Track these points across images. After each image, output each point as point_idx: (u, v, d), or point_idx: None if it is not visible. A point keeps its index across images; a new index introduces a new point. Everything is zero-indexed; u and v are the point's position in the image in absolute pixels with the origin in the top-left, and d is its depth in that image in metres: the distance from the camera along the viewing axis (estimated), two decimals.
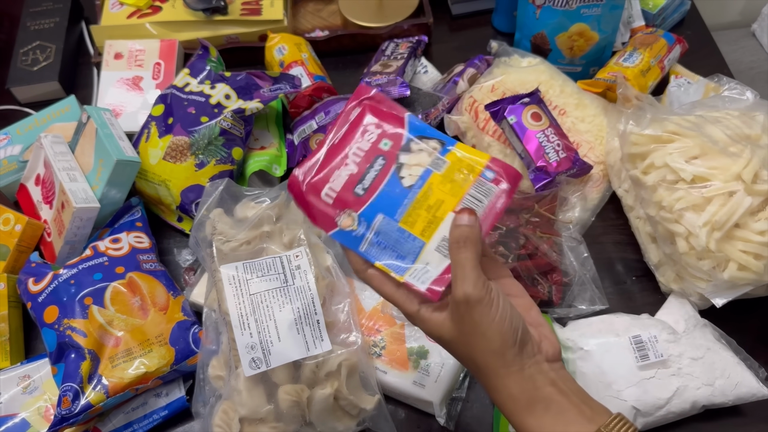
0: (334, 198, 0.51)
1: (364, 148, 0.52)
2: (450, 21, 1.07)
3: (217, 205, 0.75)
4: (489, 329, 0.44)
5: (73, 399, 0.64)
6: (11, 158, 0.87)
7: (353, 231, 0.51)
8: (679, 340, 0.68)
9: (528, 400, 0.45)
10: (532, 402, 0.45)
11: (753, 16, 1.56)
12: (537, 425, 0.44)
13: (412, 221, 0.50)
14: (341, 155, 0.52)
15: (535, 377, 0.45)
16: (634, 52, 0.90)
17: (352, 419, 0.66)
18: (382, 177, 0.51)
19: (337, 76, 0.98)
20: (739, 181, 0.66)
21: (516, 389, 0.45)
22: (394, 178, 0.51)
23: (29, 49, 1.00)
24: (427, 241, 0.49)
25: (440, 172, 0.51)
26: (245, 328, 0.64)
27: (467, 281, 0.44)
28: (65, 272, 0.71)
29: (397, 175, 0.51)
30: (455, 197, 0.50)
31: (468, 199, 0.50)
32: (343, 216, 0.51)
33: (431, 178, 0.51)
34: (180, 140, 0.81)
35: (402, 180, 0.51)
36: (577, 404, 0.45)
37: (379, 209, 0.50)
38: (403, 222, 0.50)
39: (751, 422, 0.69)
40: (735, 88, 0.83)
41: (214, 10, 0.97)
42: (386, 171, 0.52)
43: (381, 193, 0.51)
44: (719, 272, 0.66)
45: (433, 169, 0.51)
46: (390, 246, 0.50)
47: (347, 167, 0.52)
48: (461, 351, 0.47)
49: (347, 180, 0.52)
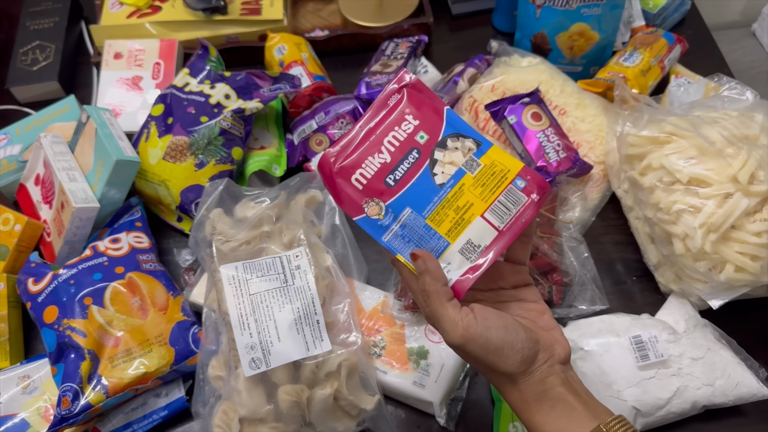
0: (364, 185, 0.51)
1: (400, 138, 0.52)
2: (450, 21, 1.07)
3: (217, 205, 0.75)
4: (488, 360, 0.46)
5: (73, 399, 0.64)
6: (11, 158, 0.87)
7: (379, 220, 0.51)
8: (679, 340, 0.68)
9: (537, 399, 0.46)
10: (541, 400, 0.46)
11: (753, 15, 1.56)
12: (543, 422, 0.46)
13: (439, 220, 0.50)
14: (376, 142, 0.52)
15: (546, 379, 0.47)
16: (635, 52, 0.90)
17: (352, 419, 0.66)
18: (415, 171, 0.51)
19: (337, 76, 0.98)
20: (736, 183, 0.66)
21: (527, 392, 0.47)
22: (427, 174, 0.51)
23: (29, 49, 1.00)
24: (452, 242, 0.50)
25: (473, 174, 0.51)
26: (245, 328, 0.64)
27: (450, 333, 0.46)
28: (65, 272, 0.71)
29: (430, 171, 0.52)
30: (485, 202, 0.50)
31: (496, 206, 0.50)
32: (372, 204, 0.51)
33: (463, 179, 0.51)
34: (180, 140, 0.81)
35: (434, 177, 0.51)
36: (583, 403, 0.46)
37: (407, 203, 0.51)
38: (430, 219, 0.50)
39: (751, 422, 0.69)
40: (735, 88, 0.82)
41: (213, 10, 0.97)
42: (419, 165, 0.52)
43: (411, 187, 0.51)
44: (716, 274, 0.66)
45: (466, 170, 0.51)
46: (414, 241, 0.50)
47: (381, 155, 0.52)
48: (477, 369, 0.50)
49: (379, 168, 0.51)
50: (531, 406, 0.47)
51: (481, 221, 0.50)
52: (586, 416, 0.45)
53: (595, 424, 0.45)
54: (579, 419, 0.45)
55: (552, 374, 0.47)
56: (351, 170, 0.51)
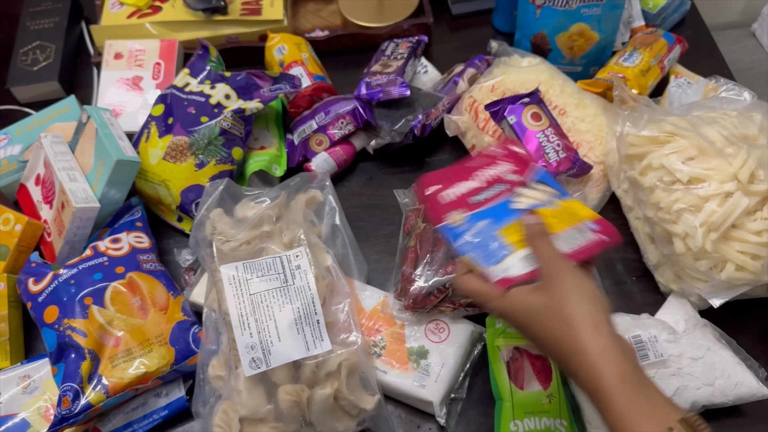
0: (451, 200, 0.59)
1: (492, 174, 0.61)
2: (450, 21, 1.07)
3: (217, 205, 0.75)
4: (583, 287, 0.48)
5: (73, 399, 0.64)
6: (11, 158, 0.87)
7: (457, 228, 0.57)
8: (679, 340, 0.68)
9: (618, 380, 0.45)
10: (624, 382, 0.45)
11: (753, 16, 1.56)
12: (626, 411, 0.44)
13: (509, 232, 0.56)
14: (470, 174, 0.61)
15: (626, 355, 0.45)
16: (634, 52, 0.90)
17: (352, 419, 0.66)
18: (498, 197, 0.59)
19: (337, 76, 0.98)
20: (736, 182, 0.66)
21: (606, 369, 0.45)
22: (508, 200, 0.59)
23: (29, 49, 1.00)
24: (517, 250, 0.54)
25: (549, 208, 0.58)
26: (245, 328, 0.64)
27: (558, 254, 0.50)
28: (65, 272, 0.71)
29: (512, 198, 0.59)
30: (554, 229, 0.55)
31: (566, 233, 0.55)
32: (455, 213, 0.58)
33: (541, 210, 0.57)
34: (180, 140, 0.81)
35: (515, 203, 0.58)
36: (662, 391, 0.46)
37: (487, 216, 0.57)
38: (500, 231, 0.56)
39: (751, 422, 0.69)
40: (732, 89, 0.83)
41: (214, 10, 0.97)
42: (503, 194, 0.60)
43: (493, 206, 0.58)
44: (717, 273, 0.66)
45: (545, 205, 0.58)
46: (481, 245, 0.55)
47: (471, 182, 0.60)
48: (548, 323, 0.48)
49: (468, 190, 0.60)
50: (609, 389, 0.45)
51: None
52: (667, 406, 0.45)
53: (678, 416, 0.43)
54: (662, 407, 0.44)
55: (626, 351, 0.47)
56: (443, 190, 0.60)
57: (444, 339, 0.70)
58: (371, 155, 0.91)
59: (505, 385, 0.68)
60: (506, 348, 0.70)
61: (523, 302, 0.50)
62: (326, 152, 0.87)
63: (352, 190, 0.89)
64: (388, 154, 0.91)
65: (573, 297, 0.48)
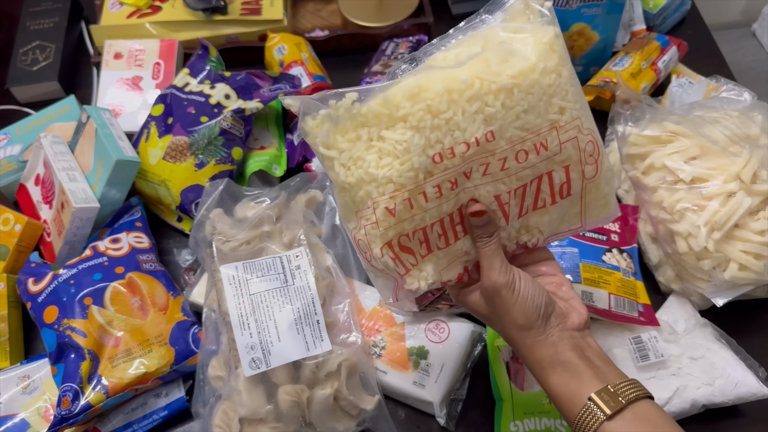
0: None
1: None
2: (450, 21, 1.07)
3: (217, 205, 0.75)
4: (513, 308, 0.50)
5: (73, 399, 0.64)
6: (11, 158, 0.87)
7: None
8: (678, 340, 0.68)
9: (551, 363, 0.50)
10: (554, 364, 0.50)
11: (753, 16, 1.56)
12: (556, 384, 0.49)
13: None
14: None
15: (557, 344, 0.50)
16: (625, 57, 0.91)
17: (352, 419, 0.66)
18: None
19: (337, 76, 0.98)
20: (738, 182, 0.66)
21: (540, 354, 0.50)
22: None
23: (29, 49, 1.00)
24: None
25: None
26: (245, 328, 0.64)
27: (492, 271, 0.50)
28: (65, 272, 0.71)
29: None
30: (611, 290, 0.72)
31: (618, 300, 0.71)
32: None
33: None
34: (180, 140, 0.81)
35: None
36: (593, 367, 0.49)
37: None
38: None
39: (751, 422, 0.69)
40: (733, 90, 0.83)
41: (213, 10, 0.97)
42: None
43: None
44: (719, 272, 0.66)
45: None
46: None
47: None
48: (495, 326, 0.54)
49: None
50: (546, 369, 0.50)
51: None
52: (593, 379, 0.48)
53: (602, 385, 0.47)
54: (587, 381, 0.48)
55: (563, 339, 0.50)
56: None
57: (444, 339, 0.70)
58: None
59: (505, 385, 0.68)
60: (506, 348, 0.70)
61: (473, 308, 0.55)
62: None
63: None
64: None
65: (507, 317, 0.51)
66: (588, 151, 0.50)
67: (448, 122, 0.47)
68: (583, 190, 0.52)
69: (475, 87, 0.47)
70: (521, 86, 0.47)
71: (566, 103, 0.49)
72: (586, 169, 0.51)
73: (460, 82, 0.47)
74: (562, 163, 0.50)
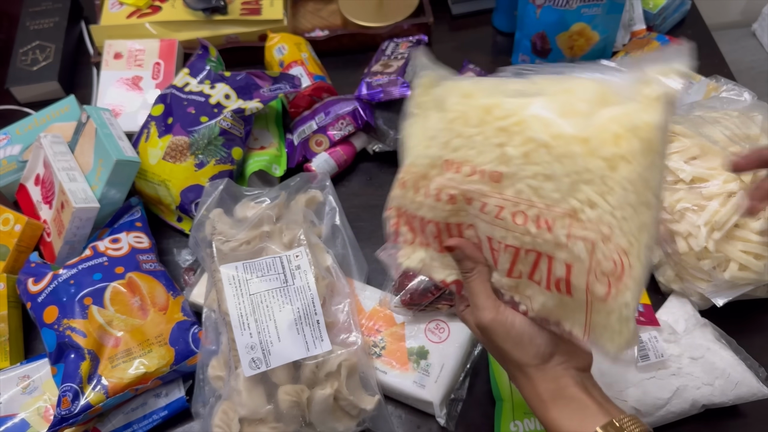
0: None
1: None
2: (450, 21, 1.07)
3: (217, 205, 0.75)
4: (506, 345, 0.48)
5: (73, 399, 0.64)
6: (11, 158, 0.87)
7: None
8: (679, 340, 0.68)
9: (552, 396, 0.47)
10: (556, 398, 0.47)
11: (753, 15, 1.56)
12: (557, 417, 0.47)
13: None
14: None
15: (560, 379, 0.48)
16: (626, 57, 0.91)
17: (352, 419, 0.66)
18: None
19: (337, 76, 0.98)
20: (739, 182, 0.66)
21: (541, 387, 0.48)
22: None
23: (29, 49, 1.00)
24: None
25: None
26: (245, 328, 0.64)
27: (477, 307, 0.49)
28: (65, 272, 0.71)
29: None
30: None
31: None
32: None
33: None
34: (180, 140, 0.81)
35: None
36: (597, 402, 0.47)
37: None
38: None
39: (751, 422, 0.69)
40: (733, 90, 0.83)
41: (213, 10, 0.97)
42: None
43: None
44: (720, 272, 0.66)
45: None
46: None
47: None
48: (493, 354, 0.52)
49: None
50: (546, 402, 0.48)
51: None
52: (599, 413, 0.46)
53: (608, 419, 0.45)
54: (592, 416, 0.46)
55: (566, 376, 0.48)
56: None
57: (444, 339, 0.70)
58: (372, 155, 0.91)
59: (505, 385, 0.68)
60: None
61: (472, 331, 0.53)
62: (326, 152, 0.87)
63: (353, 191, 0.89)
64: (388, 155, 0.91)
65: (502, 353, 0.50)
66: (604, 268, 0.41)
67: (470, 138, 0.45)
68: (588, 304, 0.43)
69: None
70: (553, 150, 0.41)
71: (600, 200, 0.40)
72: (592, 285, 0.42)
73: (503, 108, 0.43)
74: (564, 259, 0.42)
